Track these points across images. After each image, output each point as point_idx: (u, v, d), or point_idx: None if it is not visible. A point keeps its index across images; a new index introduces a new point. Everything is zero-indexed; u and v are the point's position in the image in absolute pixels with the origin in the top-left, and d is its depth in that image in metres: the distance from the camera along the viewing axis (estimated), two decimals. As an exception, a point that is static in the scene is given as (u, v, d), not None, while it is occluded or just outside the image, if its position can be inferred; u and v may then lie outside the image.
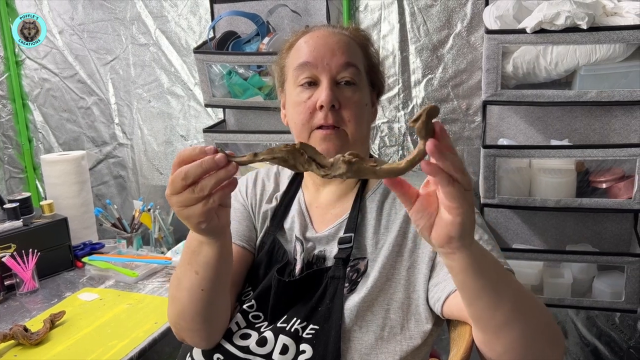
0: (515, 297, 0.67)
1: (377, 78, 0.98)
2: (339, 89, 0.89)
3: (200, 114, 1.96)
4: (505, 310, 0.66)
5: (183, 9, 1.89)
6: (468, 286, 0.65)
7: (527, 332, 0.68)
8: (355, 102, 0.90)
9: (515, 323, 0.67)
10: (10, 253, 1.48)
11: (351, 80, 0.89)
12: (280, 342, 0.85)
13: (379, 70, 0.99)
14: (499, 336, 0.69)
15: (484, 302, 0.66)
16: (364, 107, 0.92)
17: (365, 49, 0.96)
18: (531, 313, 0.69)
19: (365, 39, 0.98)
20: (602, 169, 1.45)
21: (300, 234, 0.95)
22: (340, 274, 0.88)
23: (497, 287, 0.65)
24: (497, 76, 1.40)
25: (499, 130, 1.62)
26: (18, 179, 2.23)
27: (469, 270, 0.63)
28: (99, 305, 1.40)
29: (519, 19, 1.41)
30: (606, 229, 1.59)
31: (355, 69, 0.90)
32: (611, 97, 1.35)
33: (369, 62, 0.96)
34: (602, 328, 1.67)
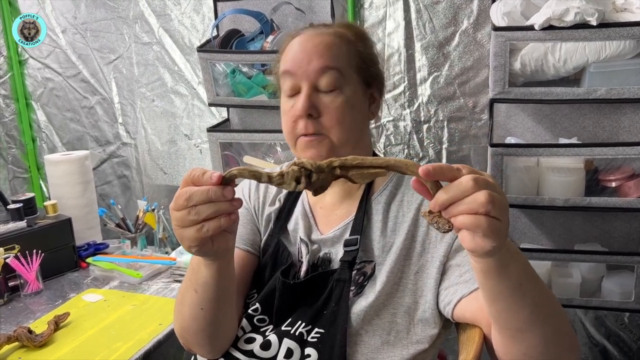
0: (537, 301, 0.65)
1: (371, 74, 0.94)
2: (318, 96, 0.88)
3: (204, 113, 1.95)
4: (526, 315, 0.65)
5: (186, 7, 1.87)
6: (489, 288, 0.64)
7: (546, 338, 0.66)
8: (337, 107, 0.87)
9: (534, 328, 0.66)
10: (15, 254, 1.47)
11: (331, 85, 0.87)
12: (284, 345, 0.84)
13: (375, 64, 0.96)
14: (517, 340, 0.68)
15: (505, 304, 0.64)
16: (348, 109, 0.89)
17: (355, 45, 0.92)
18: (552, 319, 0.67)
19: (356, 34, 0.94)
20: (612, 167, 1.43)
21: (305, 235, 0.94)
22: (346, 277, 0.87)
23: (521, 290, 0.63)
24: (504, 74, 1.38)
25: (506, 129, 1.60)
26: (22, 178, 2.23)
27: (492, 274, 0.61)
28: (104, 306, 1.39)
29: (526, 16, 1.39)
30: (615, 228, 1.57)
31: (335, 71, 0.87)
32: (621, 94, 1.33)
33: (360, 58, 0.92)
34: (611, 328, 1.66)
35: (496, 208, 0.54)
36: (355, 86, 0.91)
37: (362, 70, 0.92)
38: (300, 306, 0.88)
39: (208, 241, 0.67)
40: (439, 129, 1.66)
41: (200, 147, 1.98)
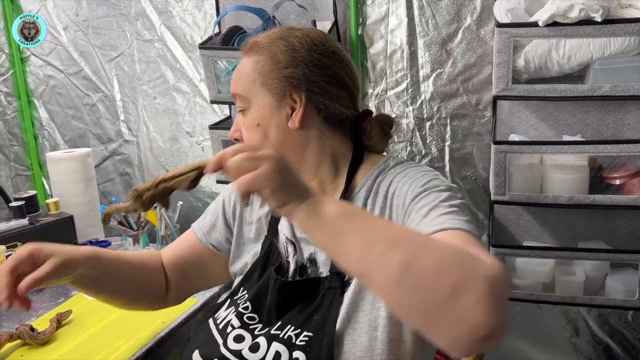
0: (369, 240, 0.63)
1: (283, 77, 0.89)
2: (240, 119, 0.95)
3: (206, 110, 1.94)
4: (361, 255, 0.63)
5: (188, 4, 1.87)
6: (318, 242, 0.69)
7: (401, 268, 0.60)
8: (245, 128, 0.93)
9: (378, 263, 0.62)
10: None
11: (240, 108, 0.93)
12: (273, 349, 0.84)
13: (285, 64, 0.89)
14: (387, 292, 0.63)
15: (336, 253, 0.67)
16: (253, 128, 0.92)
17: (259, 58, 0.91)
18: (401, 247, 0.62)
19: (269, 41, 0.91)
20: (616, 164, 1.42)
21: (291, 235, 0.96)
22: (337, 284, 0.88)
23: (342, 233, 0.65)
24: (508, 70, 1.37)
25: (509, 126, 1.59)
26: (24, 176, 2.23)
27: (311, 227, 0.67)
28: (105, 304, 1.39)
29: (530, 12, 1.38)
30: (619, 226, 1.56)
31: (239, 97, 0.92)
32: (625, 91, 1.32)
33: (263, 70, 0.90)
34: (615, 326, 1.65)
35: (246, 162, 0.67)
36: (261, 102, 0.90)
37: (266, 81, 0.90)
38: (291, 309, 0.89)
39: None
40: (442, 126, 1.66)
41: (202, 144, 1.98)
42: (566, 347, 1.71)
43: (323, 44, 0.92)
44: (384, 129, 0.98)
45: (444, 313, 0.58)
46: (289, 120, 0.90)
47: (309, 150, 0.93)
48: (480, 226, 1.69)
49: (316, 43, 0.91)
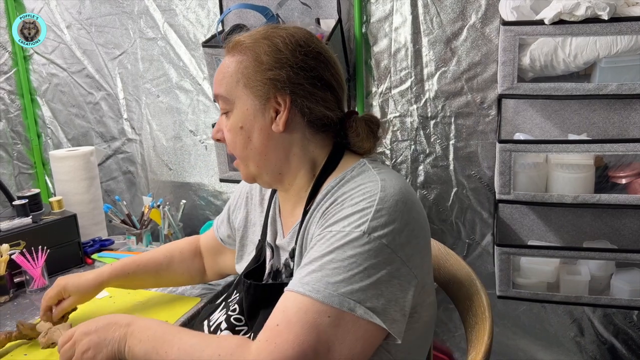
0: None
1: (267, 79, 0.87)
2: (222, 120, 0.94)
3: (209, 108, 1.94)
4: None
5: (191, 3, 1.86)
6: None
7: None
8: (227, 130, 0.91)
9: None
10: (20, 250, 1.47)
11: (223, 110, 0.92)
12: None
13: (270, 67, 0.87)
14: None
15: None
16: (236, 131, 0.90)
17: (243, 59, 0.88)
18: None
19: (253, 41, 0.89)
20: (622, 163, 1.41)
21: (272, 240, 0.98)
22: None
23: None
24: (513, 69, 1.37)
25: (514, 125, 1.58)
26: (27, 174, 2.23)
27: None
28: (109, 303, 1.39)
29: (536, 10, 1.37)
30: (625, 225, 1.55)
31: (222, 98, 0.91)
32: (632, 90, 1.31)
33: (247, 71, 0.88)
34: (620, 326, 1.64)
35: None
36: (244, 104, 0.88)
37: (249, 83, 0.88)
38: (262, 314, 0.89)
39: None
40: (446, 124, 1.65)
41: (205, 143, 1.97)
42: (571, 346, 1.71)
43: (308, 44, 0.89)
44: (370, 128, 0.94)
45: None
46: (273, 124, 0.88)
47: (292, 154, 0.91)
48: (484, 225, 1.68)
49: (301, 44, 0.88)
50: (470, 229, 1.70)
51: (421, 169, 1.70)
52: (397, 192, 0.79)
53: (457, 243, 1.72)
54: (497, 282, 1.52)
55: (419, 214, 0.83)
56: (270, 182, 0.95)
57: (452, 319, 1.78)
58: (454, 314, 1.68)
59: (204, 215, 2.03)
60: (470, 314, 0.97)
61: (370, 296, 0.72)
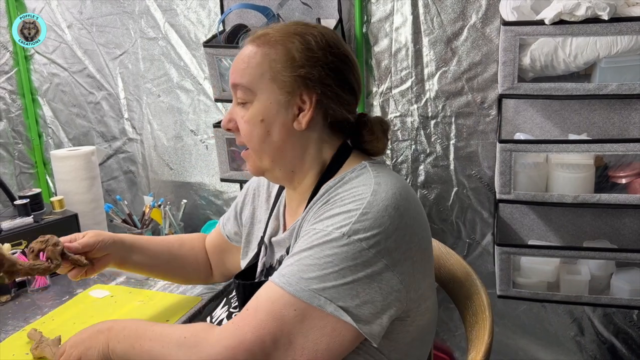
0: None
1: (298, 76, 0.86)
2: (237, 110, 0.91)
3: (210, 108, 1.94)
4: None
5: (192, 2, 1.87)
6: None
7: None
8: (245, 121, 0.89)
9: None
10: (21, 250, 1.47)
11: (241, 100, 0.89)
12: None
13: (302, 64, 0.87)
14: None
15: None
16: (255, 123, 0.88)
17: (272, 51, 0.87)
18: None
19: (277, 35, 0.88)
20: (622, 163, 1.41)
21: (269, 237, 0.98)
22: None
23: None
24: (513, 69, 1.37)
25: (514, 124, 1.58)
26: (28, 174, 2.23)
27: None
28: (110, 302, 1.39)
29: (536, 10, 1.37)
30: (625, 225, 1.56)
31: (242, 87, 0.88)
32: (632, 90, 1.31)
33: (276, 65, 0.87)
34: (620, 325, 1.64)
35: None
36: (268, 97, 0.87)
37: (277, 77, 0.87)
38: None
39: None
40: (447, 124, 1.65)
41: (206, 142, 1.98)
42: (571, 346, 1.71)
43: (337, 46, 0.89)
44: (383, 128, 0.95)
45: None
46: (295, 121, 0.88)
47: (307, 154, 0.91)
48: (485, 225, 1.69)
49: (331, 44, 0.88)
50: (470, 229, 1.71)
51: (422, 169, 1.71)
52: (389, 197, 0.79)
53: (458, 243, 1.73)
54: (497, 282, 1.52)
55: (413, 220, 0.81)
56: (280, 178, 0.94)
57: (452, 319, 1.78)
58: (454, 313, 1.69)
59: (204, 215, 2.03)
60: (470, 313, 0.98)
61: (344, 295, 0.73)
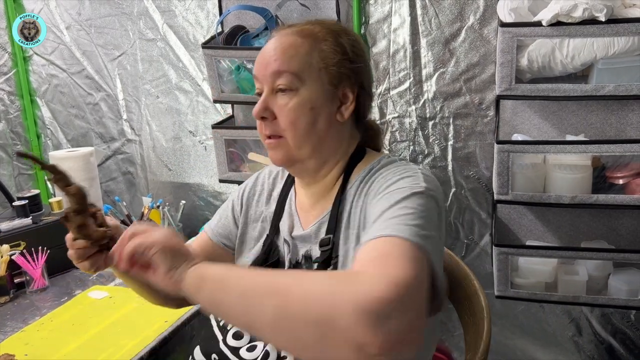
0: (248, 303, 0.67)
1: (342, 71, 0.90)
2: (275, 98, 0.89)
3: (209, 109, 1.94)
4: (244, 316, 0.68)
5: (190, 4, 1.87)
6: (204, 305, 0.73)
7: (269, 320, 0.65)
8: (291, 108, 0.88)
9: (260, 326, 0.67)
10: (20, 251, 1.48)
11: (286, 86, 0.88)
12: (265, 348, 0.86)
13: (350, 61, 0.91)
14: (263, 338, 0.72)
15: (223, 315, 0.74)
16: (304, 111, 0.88)
17: (320, 43, 0.90)
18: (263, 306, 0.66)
19: (326, 31, 0.92)
20: (619, 164, 1.42)
21: (288, 234, 0.97)
22: None
23: (224, 301, 0.70)
24: (511, 70, 1.37)
25: (512, 125, 1.59)
26: (27, 175, 2.23)
27: (197, 293, 0.72)
28: (109, 303, 1.39)
29: (534, 12, 1.37)
30: (622, 226, 1.56)
31: (289, 74, 0.88)
32: (629, 91, 1.32)
33: (325, 57, 0.90)
34: (617, 325, 1.65)
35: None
36: (317, 87, 0.89)
37: (328, 69, 0.90)
38: None
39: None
40: (445, 125, 1.66)
41: (204, 143, 1.98)
42: (569, 346, 1.72)
43: (366, 51, 0.97)
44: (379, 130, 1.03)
45: (325, 345, 0.61)
46: (338, 113, 0.91)
47: (341, 146, 0.95)
48: (483, 226, 1.69)
49: (364, 49, 0.96)
50: (468, 229, 1.71)
51: (420, 170, 1.71)
52: (430, 173, 0.89)
53: (456, 243, 1.73)
54: (496, 282, 1.52)
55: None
56: (309, 170, 0.94)
57: (451, 319, 1.78)
58: (452, 313, 1.68)
59: (203, 216, 2.03)
60: (468, 313, 0.98)
61: (434, 245, 0.74)
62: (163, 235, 0.77)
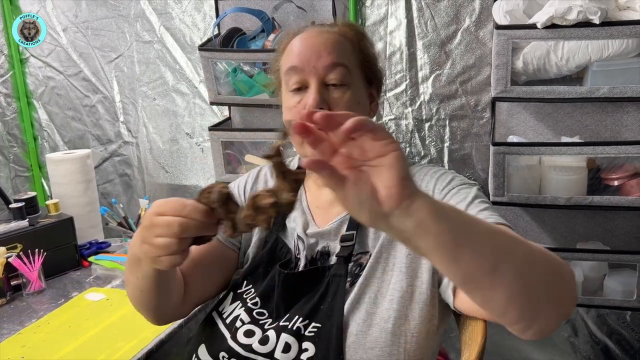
0: (494, 238, 0.61)
1: (373, 73, 0.96)
2: (327, 91, 0.88)
3: (206, 111, 1.95)
4: (492, 253, 0.59)
5: (187, 6, 1.87)
6: (448, 237, 0.56)
7: (522, 271, 0.61)
8: (346, 102, 0.88)
9: (504, 265, 0.60)
10: (17, 253, 1.48)
11: (340, 81, 0.88)
12: (282, 340, 0.84)
13: (376, 64, 0.98)
14: (495, 286, 0.60)
15: (469, 250, 0.57)
16: (355, 106, 0.90)
17: (357, 45, 0.94)
18: (515, 251, 0.62)
19: (358, 33, 0.96)
20: (614, 166, 1.43)
21: (302, 231, 0.95)
22: (342, 271, 0.87)
23: (474, 230, 0.59)
24: (506, 72, 1.38)
25: (508, 127, 1.60)
26: (24, 177, 2.23)
27: (440, 216, 0.55)
28: (106, 305, 1.39)
29: (529, 14, 1.38)
30: (617, 227, 1.57)
31: (344, 68, 0.88)
32: (624, 93, 1.33)
33: (363, 57, 0.94)
34: (613, 326, 1.66)
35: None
36: (360, 84, 0.93)
37: (365, 68, 0.94)
38: (298, 300, 0.89)
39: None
40: (441, 127, 1.66)
41: (201, 145, 1.98)
42: (565, 347, 1.72)
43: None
44: None
45: (552, 290, 0.64)
46: (370, 111, 0.96)
47: None
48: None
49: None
50: (465, 231, 1.71)
51: (416, 171, 1.72)
52: None
53: (452, 244, 1.73)
54: (492, 283, 1.53)
55: None
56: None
57: (447, 320, 1.79)
58: (449, 315, 1.69)
59: (200, 218, 2.03)
60: (464, 314, 0.98)
61: None
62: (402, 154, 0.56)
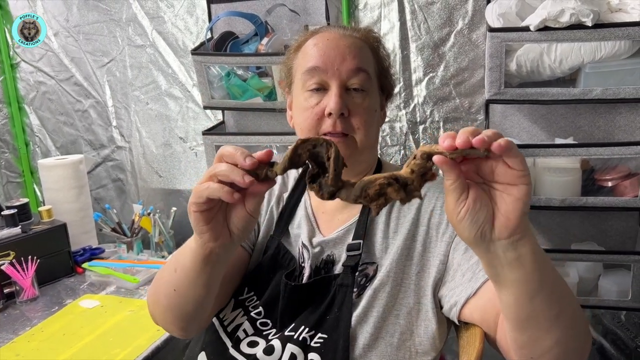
0: (562, 287, 0.65)
1: (387, 82, 0.97)
2: (348, 95, 0.87)
3: (199, 115, 1.94)
4: (559, 301, 0.64)
5: (179, 10, 1.86)
6: (536, 276, 0.60)
7: (573, 323, 0.66)
8: (365, 108, 0.88)
9: (564, 313, 0.64)
10: (9, 260, 1.46)
11: (361, 86, 0.88)
12: (288, 350, 0.83)
13: (390, 73, 0.97)
14: (550, 330, 0.64)
15: (545, 293, 0.62)
16: (373, 113, 0.90)
17: (377, 52, 0.94)
18: (572, 303, 0.67)
19: (377, 41, 0.96)
20: (608, 167, 1.44)
21: (307, 240, 0.94)
22: (349, 281, 0.87)
23: (553, 276, 0.64)
24: (500, 74, 1.38)
25: (502, 129, 1.60)
26: (15, 183, 2.21)
27: (537, 256, 0.60)
28: (101, 312, 1.38)
29: (522, 16, 1.39)
30: (612, 227, 1.58)
31: (366, 74, 0.88)
32: (616, 94, 1.33)
33: (380, 65, 0.94)
34: (608, 326, 1.66)
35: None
36: (376, 92, 0.93)
37: (381, 77, 0.95)
38: (304, 310, 0.88)
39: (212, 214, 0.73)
40: (435, 129, 1.66)
41: (195, 150, 1.97)
42: (560, 347, 1.72)
43: None
44: None
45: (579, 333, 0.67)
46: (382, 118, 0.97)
47: (375, 151, 0.97)
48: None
49: None
50: (460, 233, 1.72)
51: (411, 174, 1.72)
52: None
53: (448, 246, 1.74)
54: (488, 285, 1.53)
55: None
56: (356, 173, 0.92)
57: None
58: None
59: (194, 222, 2.02)
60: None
61: None
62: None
